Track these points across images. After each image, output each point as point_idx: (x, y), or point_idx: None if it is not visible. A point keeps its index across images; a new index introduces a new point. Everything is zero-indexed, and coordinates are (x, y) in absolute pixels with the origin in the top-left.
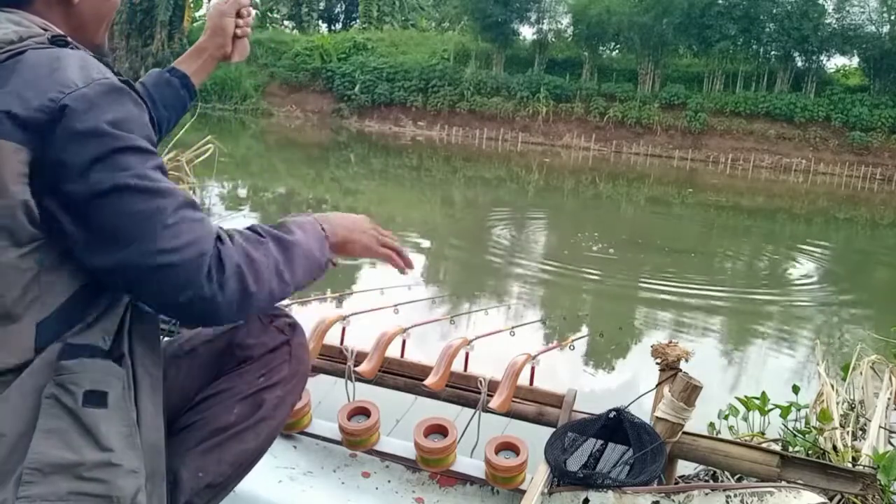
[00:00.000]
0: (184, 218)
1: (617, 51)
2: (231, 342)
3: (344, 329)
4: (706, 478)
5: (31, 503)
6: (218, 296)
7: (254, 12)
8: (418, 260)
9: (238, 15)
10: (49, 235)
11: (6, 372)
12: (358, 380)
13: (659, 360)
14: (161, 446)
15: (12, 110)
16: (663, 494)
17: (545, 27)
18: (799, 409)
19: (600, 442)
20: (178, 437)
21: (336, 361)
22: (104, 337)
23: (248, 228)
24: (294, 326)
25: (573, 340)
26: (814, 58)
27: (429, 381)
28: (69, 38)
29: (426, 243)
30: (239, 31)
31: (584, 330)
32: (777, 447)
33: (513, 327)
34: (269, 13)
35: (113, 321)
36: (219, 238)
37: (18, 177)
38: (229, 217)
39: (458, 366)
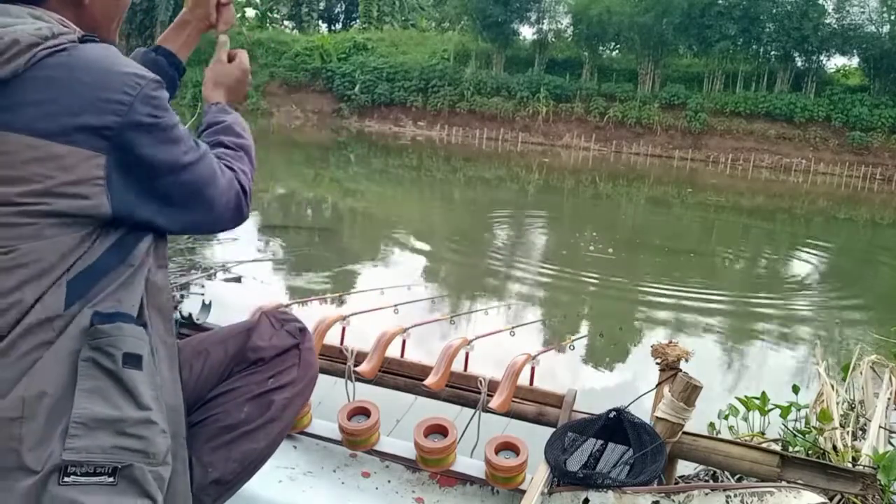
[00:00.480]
0: (221, 171)
1: (617, 51)
2: (243, 344)
3: (344, 329)
4: (706, 478)
5: (78, 454)
6: (246, 210)
7: (254, 12)
8: (418, 260)
9: None
10: (106, 224)
11: (38, 325)
12: (358, 380)
13: (659, 360)
14: (180, 408)
15: (87, 122)
16: (663, 494)
17: (545, 27)
18: (799, 409)
19: (600, 442)
20: (189, 431)
21: (336, 361)
22: (132, 305)
23: (218, 143)
24: (304, 331)
25: (573, 340)
26: (814, 58)
27: (429, 381)
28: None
29: (426, 243)
30: None
31: (584, 330)
32: (777, 447)
33: (513, 327)
34: (269, 13)
35: (135, 294)
36: (230, 168)
37: (92, 181)
38: None
39: (458, 366)
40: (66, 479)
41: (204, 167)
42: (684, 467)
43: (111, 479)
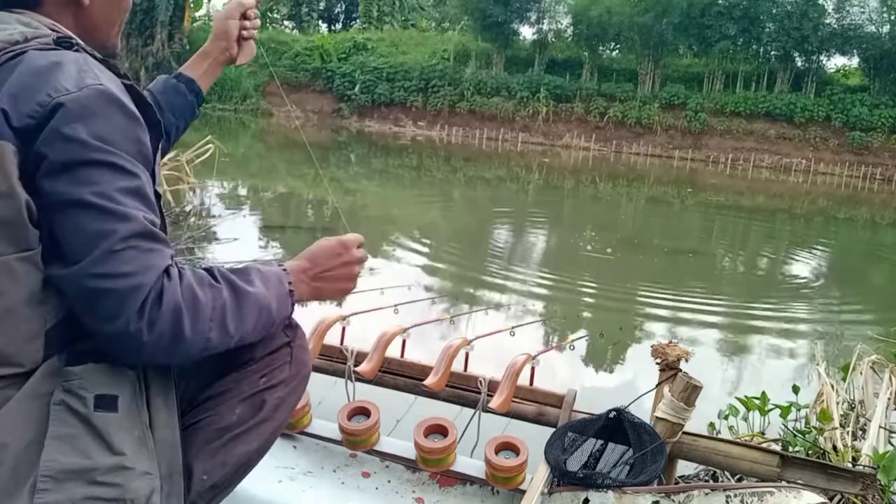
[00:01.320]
0: (133, 246)
1: (617, 51)
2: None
3: (344, 329)
4: (706, 478)
5: None
6: (144, 333)
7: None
8: (418, 260)
9: (244, 17)
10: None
11: (7, 377)
12: (358, 380)
13: (659, 360)
14: (177, 443)
15: (7, 110)
16: (663, 494)
17: (545, 27)
18: (799, 409)
19: (600, 442)
20: (182, 433)
21: (336, 361)
22: None
23: (207, 270)
24: (295, 328)
25: (573, 340)
26: (814, 58)
27: (429, 381)
28: (75, 40)
29: (426, 243)
30: (245, 34)
31: (584, 330)
32: (777, 447)
33: (513, 327)
34: (269, 13)
35: None
36: (167, 273)
37: (17, 177)
38: (229, 217)
39: (458, 366)
40: None
41: (124, 230)
42: (684, 467)
43: None
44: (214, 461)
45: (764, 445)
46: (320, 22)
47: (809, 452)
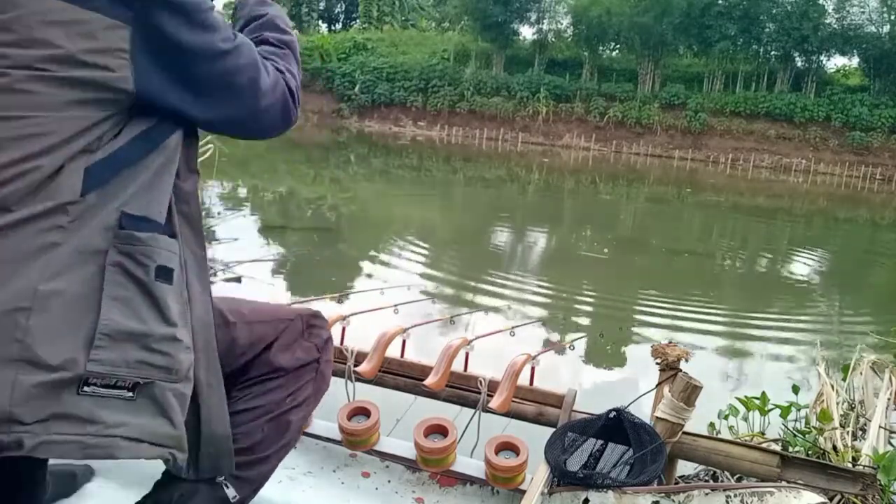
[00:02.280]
0: (265, 68)
1: (617, 51)
2: (268, 342)
3: (344, 329)
4: (706, 478)
5: (103, 366)
6: (294, 114)
7: None
8: (418, 260)
9: None
10: (132, 108)
11: (51, 207)
12: (358, 380)
13: (659, 360)
14: (210, 321)
15: None
16: (663, 494)
17: (545, 27)
18: (799, 409)
19: (600, 442)
20: None
21: (336, 361)
22: (160, 211)
23: (262, 40)
24: (327, 342)
25: (573, 341)
26: (814, 58)
27: (429, 381)
28: None
29: (427, 243)
30: None
31: (584, 330)
32: (777, 447)
33: (513, 327)
34: None
35: (163, 197)
36: (276, 68)
37: (115, 53)
38: (230, 217)
39: (458, 366)
40: (84, 388)
41: (244, 58)
42: (684, 467)
43: (130, 395)
44: (240, 481)
45: (764, 445)
46: (320, 22)
47: (809, 452)
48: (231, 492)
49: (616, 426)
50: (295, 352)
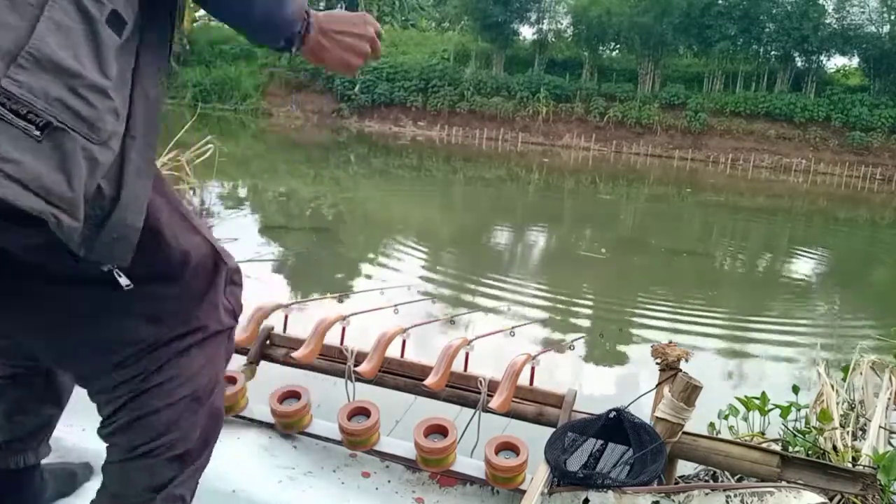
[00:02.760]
0: None
1: (617, 51)
2: (195, 296)
3: (344, 329)
4: (706, 478)
5: (19, 87)
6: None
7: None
8: (418, 261)
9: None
10: None
11: None
12: (358, 380)
13: (659, 360)
14: (155, 113)
15: None
16: (663, 494)
17: (545, 27)
18: (799, 409)
19: (600, 442)
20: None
21: (336, 361)
22: None
23: None
24: (240, 309)
25: (573, 341)
26: (814, 58)
27: (429, 381)
28: None
29: (427, 243)
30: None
31: (584, 330)
32: (777, 447)
33: (513, 327)
34: None
35: None
36: None
37: None
38: (230, 217)
39: (458, 366)
40: None
41: None
42: (684, 467)
43: (38, 134)
44: (184, 486)
45: (764, 445)
46: None
47: (809, 452)
48: (124, 280)
49: (616, 426)
50: (219, 315)
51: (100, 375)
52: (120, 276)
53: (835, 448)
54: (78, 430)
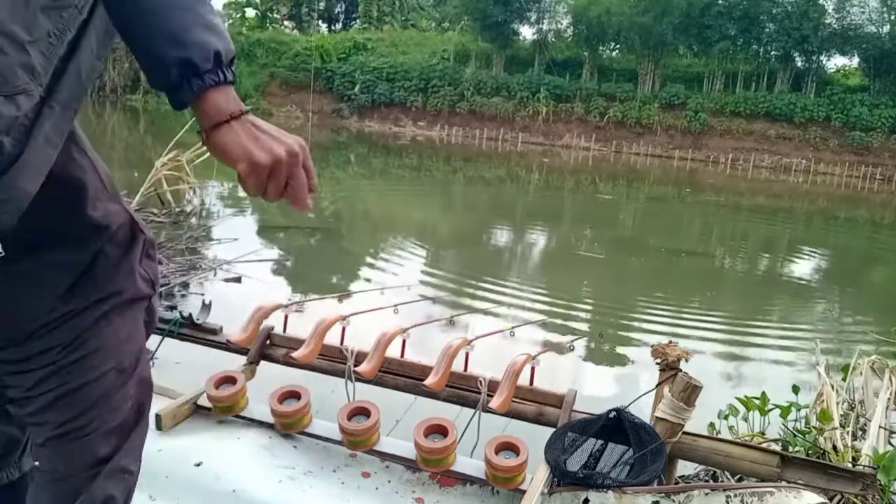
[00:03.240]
0: None
1: (617, 51)
2: (113, 261)
3: (344, 329)
4: (706, 478)
5: None
6: None
7: (254, 12)
8: (418, 261)
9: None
10: None
11: None
12: (358, 380)
13: (659, 361)
14: (85, 88)
15: None
16: (663, 494)
17: (545, 27)
18: (799, 409)
19: (600, 442)
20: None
21: (336, 361)
22: None
23: None
24: (157, 280)
25: (573, 341)
26: (814, 58)
27: (429, 381)
28: None
29: (426, 243)
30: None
31: (584, 330)
32: (777, 447)
33: (513, 327)
34: (269, 13)
35: None
36: None
37: None
38: (230, 217)
39: (458, 366)
40: None
41: None
42: (684, 467)
43: None
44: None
45: (764, 445)
46: (320, 22)
47: (809, 452)
48: None
49: (616, 426)
50: (134, 280)
51: (8, 346)
52: None
53: (835, 448)
54: None
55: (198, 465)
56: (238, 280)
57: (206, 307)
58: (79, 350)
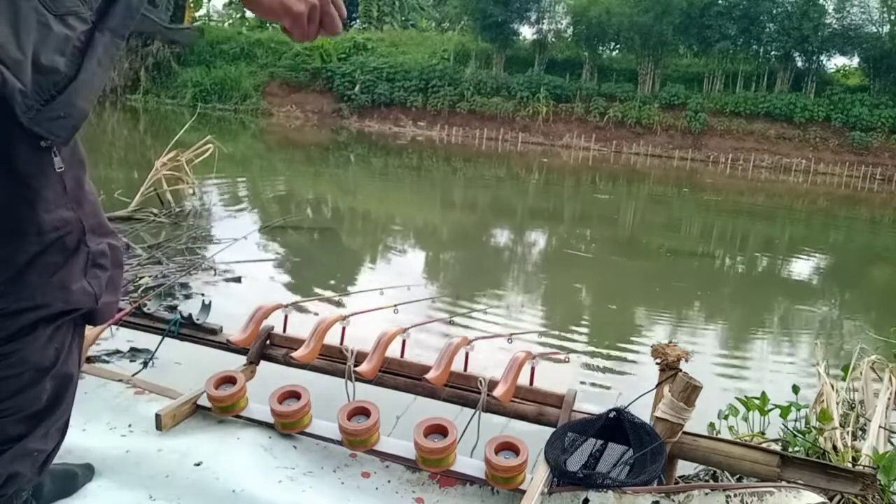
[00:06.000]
0: None
1: (617, 51)
2: (35, 278)
3: (344, 329)
4: (706, 478)
5: None
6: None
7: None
8: (418, 261)
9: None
10: None
11: None
12: (358, 380)
13: (659, 361)
14: (134, 19)
15: None
16: (663, 494)
17: (545, 27)
18: (799, 409)
19: (600, 442)
20: None
21: (336, 361)
22: None
23: None
24: (112, 292)
25: (573, 343)
26: (814, 58)
27: (430, 375)
28: None
29: (427, 243)
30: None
31: (584, 330)
32: (777, 447)
33: (511, 335)
34: None
35: None
36: None
37: None
38: (230, 217)
39: (458, 366)
40: None
41: None
42: (684, 467)
43: None
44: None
45: (764, 445)
46: None
47: (809, 452)
48: (58, 161)
49: (616, 426)
50: (68, 291)
51: None
52: (56, 154)
53: (835, 448)
54: (78, 431)
55: (197, 465)
56: (238, 280)
57: (206, 307)
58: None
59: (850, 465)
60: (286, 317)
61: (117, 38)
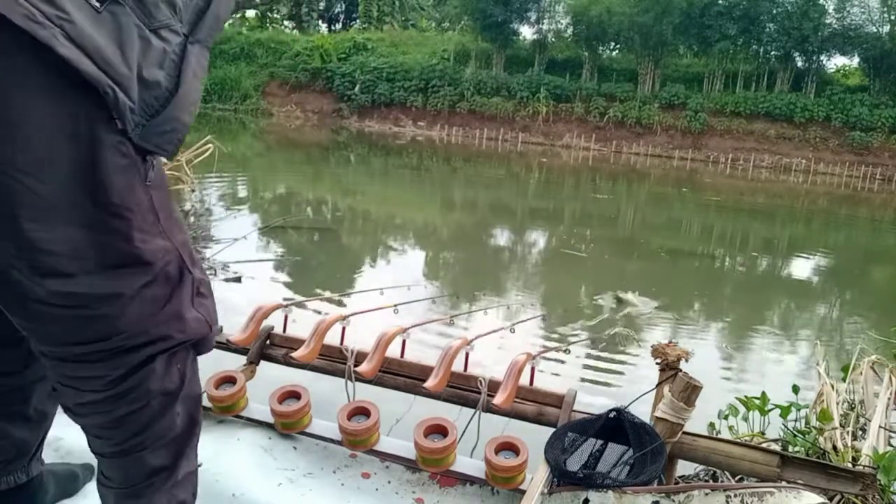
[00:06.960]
0: None
1: (617, 51)
2: (147, 311)
3: (344, 329)
4: (706, 478)
5: None
6: None
7: (254, 12)
8: (418, 260)
9: None
10: None
11: None
12: (358, 380)
13: (659, 360)
14: (220, 27)
15: None
16: (663, 494)
17: (545, 27)
18: (799, 409)
19: (600, 442)
20: None
21: (336, 361)
22: None
23: None
24: (214, 320)
25: (573, 343)
26: (814, 58)
27: (429, 384)
28: None
29: (426, 243)
30: None
31: (584, 330)
32: (777, 447)
33: (513, 324)
34: (269, 13)
35: None
36: None
37: None
38: (230, 217)
39: (458, 366)
40: None
41: None
42: (684, 467)
43: (97, 4)
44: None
45: (764, 445)
46: (320, 22)
47: (809, 452)
48: (149, 187)
49: (616, 426)
50: (183, 322)
51: (67, 360)
52: (148, 182)
53: (835, 448)
54: (78, 431)
55: (197, 465)
56: (238, 280)
57: None
58: (121, 385)
59: (850, 465)
60: (286, 317)
61: (206, 49)
